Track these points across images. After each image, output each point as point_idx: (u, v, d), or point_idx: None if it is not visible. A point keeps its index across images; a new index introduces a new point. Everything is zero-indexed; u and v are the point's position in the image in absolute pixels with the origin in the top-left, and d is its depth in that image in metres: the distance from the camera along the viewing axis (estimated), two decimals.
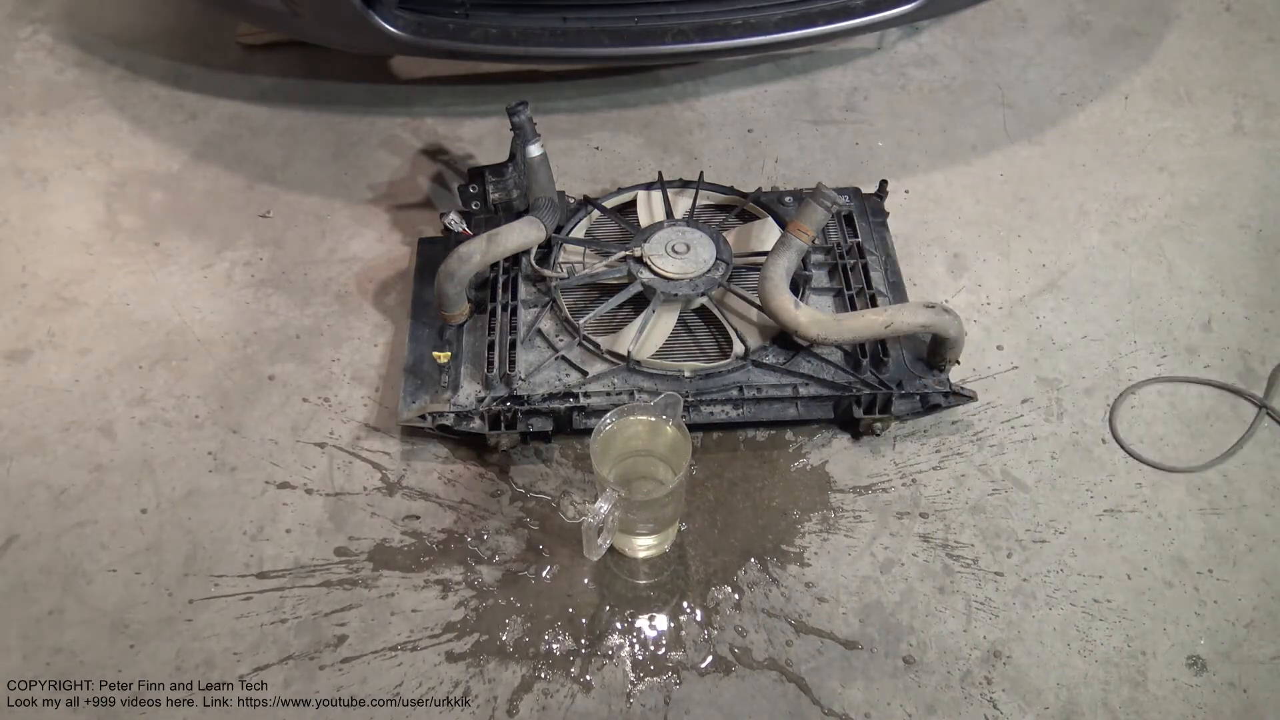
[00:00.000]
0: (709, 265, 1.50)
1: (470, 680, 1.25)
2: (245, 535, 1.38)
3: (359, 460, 1.46)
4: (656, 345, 1.46)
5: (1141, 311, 1.65)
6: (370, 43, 1.66)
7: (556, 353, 1.45)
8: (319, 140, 1.93)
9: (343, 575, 1.34)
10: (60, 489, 1.42)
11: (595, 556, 1.27)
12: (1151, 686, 1.25)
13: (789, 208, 1.65)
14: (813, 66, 2.09)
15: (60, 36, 2.15)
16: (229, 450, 1.47)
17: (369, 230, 1.76)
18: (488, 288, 1.53)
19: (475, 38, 1.64)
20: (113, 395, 1.53)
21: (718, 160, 1.90)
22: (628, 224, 1.64)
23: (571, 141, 1.92)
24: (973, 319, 1.63)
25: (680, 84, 2.05)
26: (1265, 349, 1.59)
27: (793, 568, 1.36)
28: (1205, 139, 1.93)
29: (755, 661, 1.27)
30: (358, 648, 1.28)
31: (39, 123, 1.97)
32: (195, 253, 1.73)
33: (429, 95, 2.02)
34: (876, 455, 1.48)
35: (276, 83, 2.04)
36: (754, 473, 1.46)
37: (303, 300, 1.66)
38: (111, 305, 1.65)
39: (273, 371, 1.56)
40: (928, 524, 1.40)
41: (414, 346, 1.50)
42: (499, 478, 1.45)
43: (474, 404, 1.39)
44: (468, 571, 1.35)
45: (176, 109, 1.99)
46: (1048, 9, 2.21)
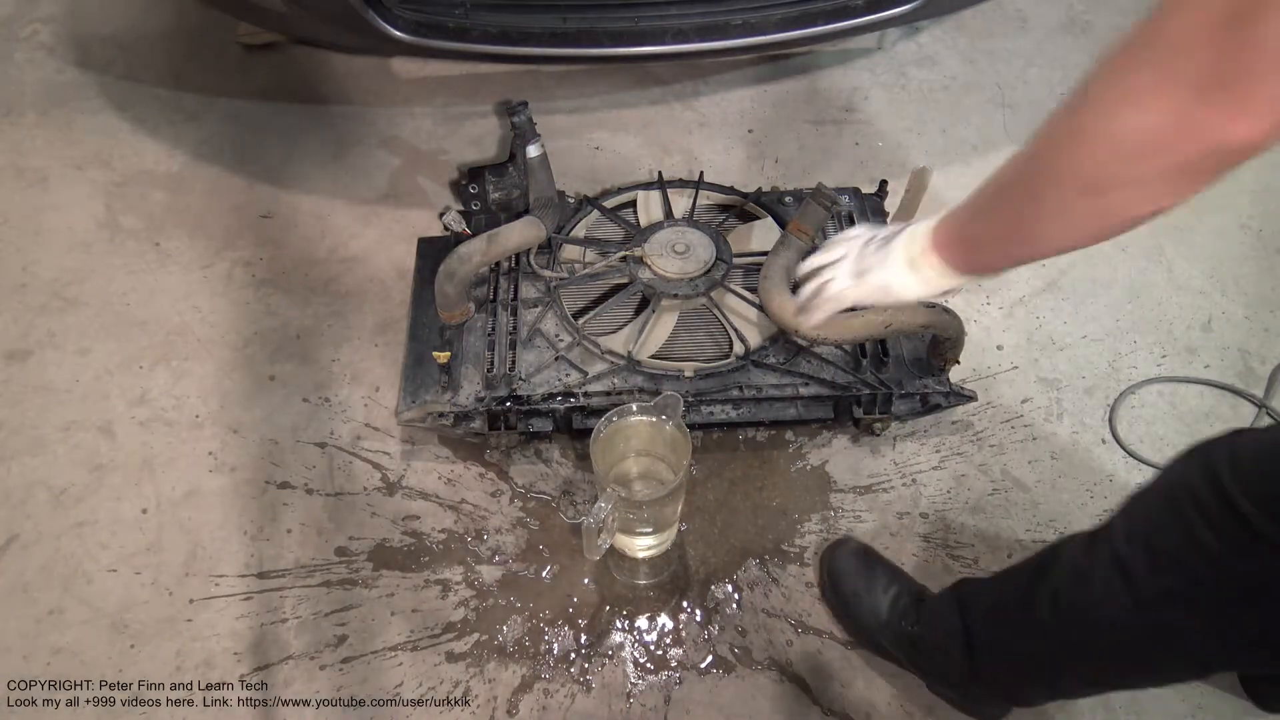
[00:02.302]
0: (709, 265, 1.49)
1: (470, 680, 1.25)
2: (245, 535, 1.38)
3: (359, 460, 1.46)
4: (656, 345, 1.46)
5: (1141, 311, 1.65)
6: (370, 43, 1.65)
7: (557, 353, 1.44)
8: (319, 140, 1.93)
9: (343, 575, 1.34)
10: (60, 489, 1.42)
11: (595, 556, 1.27)
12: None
13: (789, 208, 1.65)
14: (813, 66, 2.09)
15: (60, 36, 2.15)
16: (229, 450, 1.47)
17: (369, 230, 1.76)
18: (488, 287, 1.53)
19: (475, 38, 1.63)
20: (113, 395, 1.53)
21: (718, 160, 1.90)
22: (628, 224, 1.64)
23: (571, 141, 1.92)
24: (973, 319, 1.63)
25: (680, 84, 2.05)
26: (1265, 349, 1.59)
27: (793, 568, 1.36)
28: None
29: (755, 661, 1.27)
30: (358, 648, 1.28)
31: (39, 123, 1.97)
32: (195, 253, 1.73)
33: (429, 95, 2.02)
34: (876, 455, 1.48)
35: (276, 83, 2.04)
36: (754, 473, 1.46)
37: (303, 300, 1.66)
38: (111, 305, 1.65)
39: (273, 371, 1.56)
40: (928, 524, 1.40)
41: (414, 346, 1.50)
42: (499, 478, 1.45)
43: (474, 404, 1.39)
44: (468, 571, 1.35)
45: (176, 109, 1.99)
46: (1048, 9, 2.21)
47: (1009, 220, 0.74)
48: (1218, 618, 0.77)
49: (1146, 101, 0.59)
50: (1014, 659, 1.03)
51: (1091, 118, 0.62)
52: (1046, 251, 0.75)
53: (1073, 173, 0.65)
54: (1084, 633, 0.89)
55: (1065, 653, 0.93)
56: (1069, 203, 0.66)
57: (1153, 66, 0.59)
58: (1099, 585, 0.84)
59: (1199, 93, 0.57)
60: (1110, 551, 0.84)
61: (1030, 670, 1.00)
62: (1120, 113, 0.61)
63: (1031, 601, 0.94)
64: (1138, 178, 0.62)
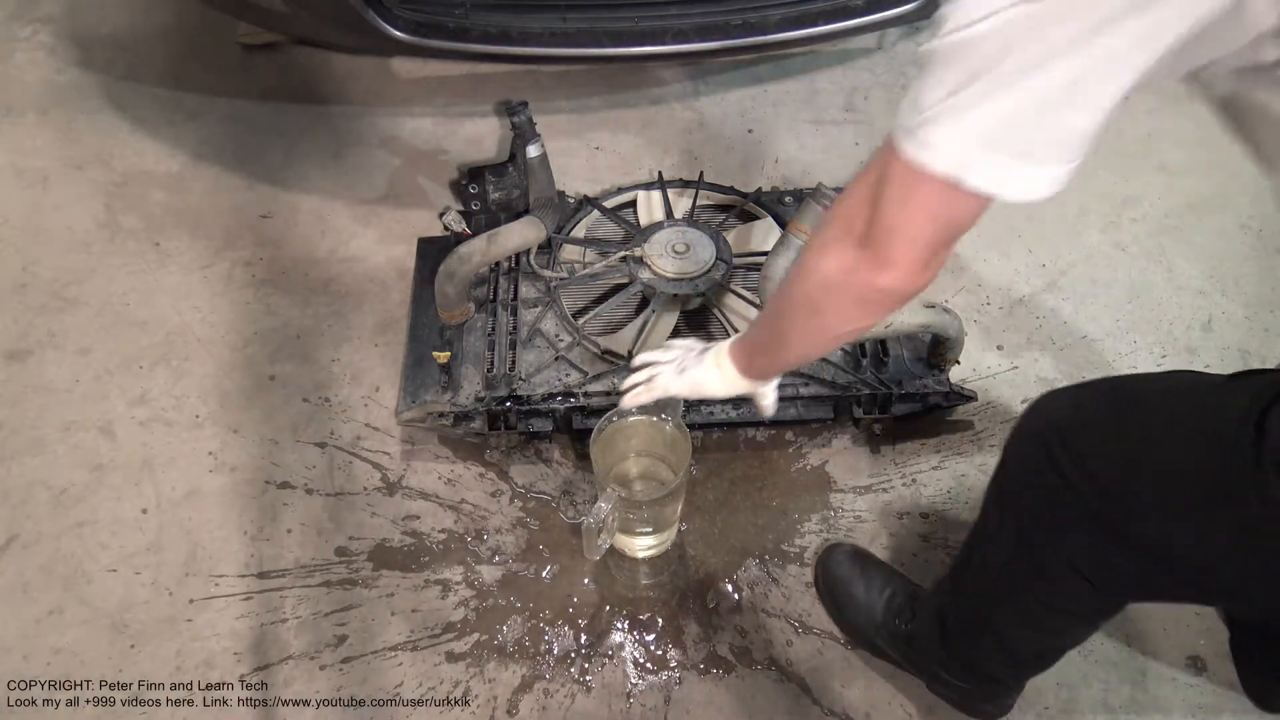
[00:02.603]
0: (709, 265, 1.49)
1: (470, 680, 1.25)
2: (245, 535, 1.38)
3: (359, 460, 1.46)
4: (656, 345, 1.45)
5: (1141, 311, 1.65)
6: (370, 43, 1.65)
7: (557, 353, 1.44)
8: (319, 140, 1.93)
9: (343, 575, 1.34)
10: (60, 489, 1.42)
11: (595, 556, 1.27)
12: (1151, 686, 1.25)
13: (789, 208, 1.65)
14: (813, 66, 2.09)
15: (60, 36, 2.15)
16: (229, 450, 1.47)
17: (369, 230, 1.76)
18: (488, 287, 1.53)
19: (475, 38, 1.64)
20: (113, 395, 1.53)
21: (718, 160, 1.90)
22: (628, 224, 1.64)
23: (571, 141, 1.92)
24: (973, 319, 1.63)
25: (680, 84, 2.06)
26: (1265, 349, 1.59)
27: (793, 568, 1.36)
28: (1205, 139, 1.93)
29: (755, 661, 1.27)
30: (358, 648, 1.28)
31: (39, 123, 1.97)
32: (195, 253, 1.73)
33: (429, 95, 2.02)
34: (876, 455, 1.48)
35: (276, 83, 2.04)
36: (754, 473, 1.46)
37: (303, 300, 1.66)
38: (111, 305, 1.65)
39: (273, 371, 1.56)
40: (928, 524, 1.40)
41: (414, 346, 1.50)
42: (499, 478, 1.45)
43: (474, 404, 1.39)
44: (468, 571, 1.35)
45: (176, 109, 1.99)
46: None
47: (769, 336, 0.94)
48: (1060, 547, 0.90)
49: (830, 251, 0.77)
50: (966, 624, 1.09)
51: (806, 259, 0.81)
52: (797, 360, 0.95)
53: (799, 300, 0.83)
54: (985, 577, 1.02)
55: (989, 603, 1.03)
56: (801, 322, 0.86)
57: (834, 226, 0.76)
58: (990, 529, 1.00)
59: (858, 249, 0.73)
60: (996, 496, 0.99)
61: (978, 630, 1.06)
62: (818, 259, 0.78)
63: (966, 561, 1.06)
64: (835, 306, 0.80)
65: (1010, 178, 0.63)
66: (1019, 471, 0.93)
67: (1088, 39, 0.56)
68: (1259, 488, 0.71)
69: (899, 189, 0.67)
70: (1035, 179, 0.63)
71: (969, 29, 0.59)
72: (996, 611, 1.02)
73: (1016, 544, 0.95)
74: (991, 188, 0.63)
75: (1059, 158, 0.62)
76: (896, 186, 0.67)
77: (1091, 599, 0.93)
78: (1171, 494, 0.79)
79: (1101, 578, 0.89)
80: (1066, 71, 0.58)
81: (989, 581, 1.01)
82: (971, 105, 0.60)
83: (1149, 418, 0.82)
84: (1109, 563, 0.87)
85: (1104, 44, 0.57)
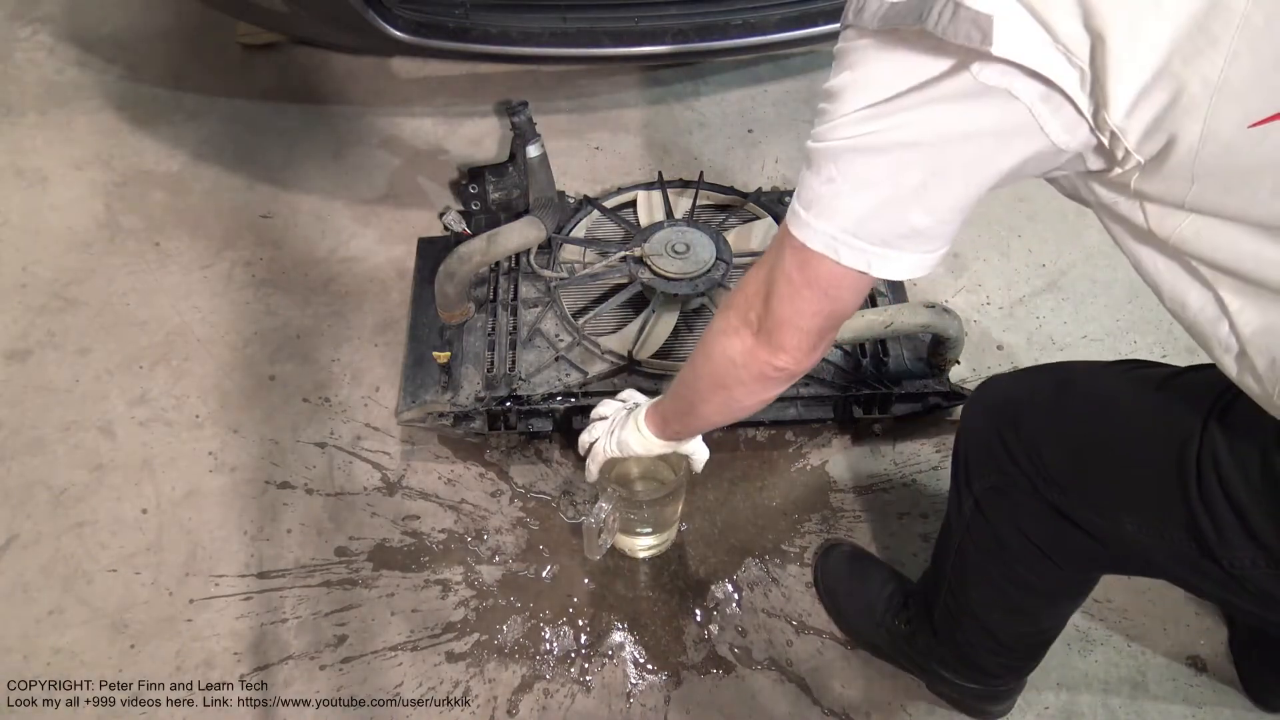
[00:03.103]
0: (709, 265, 1.49)
1: (470, 680, 1.25)
2: (245, 535, 1.38)
3: (359, 460, 1.46)
4: (657, 345, 1.46)
5: (1141, 311, 1.65)
6: (370, 43, 1.66)
7: (557, 353, 1.45)
8: (319, 140, 1.93)
9: (343, 575, 1.34)
10: (60, 489, 1.42)
11: (596, 556, 1.27)
12: (1151, 686, 1.25)
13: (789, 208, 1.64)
14: (813, 66, 2.09)
15: (60, 36, 2.15)
16: (229, 450, 1.47)
17: (369, 230, 1.76)
18: (488, 287, 1.53)
19: (475, 38, 1.64)
20: (113, 395, 1.53)
21: (718, 160, 1.90)
22: (628, 224, 1.64)
23: (571, 141, 1.92)
24: (973, 319, 1.63)
25: (680, 84, 2.06)
26: None
27: (793, 567, 1.36)
28: None
29: (755, 661, 1.27)
30: (358, 648, 1.28)
31: (39, 123, 1.97)
32: (195, 253, 1.73)
33: (429, 95, 2.02)
34: (876, 455, 1.48)
35: (276, 83, 2.04)
36: (754, 473, 1.46)
37: (303, 300, 1.66)
38: (111, 305, 1.65)
39: (273, 371, 1.56)
40: (928, 524, 1.40)
41: (414, 346, 1.50)
42: (499, 478, 1.45)
43: (474, 404, 1.39)
44: (468, 571, 1.35)
45: (176, 109, 1.99)
46: None
47: (680, 403, 1.02)
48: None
49: (730, 333, 0.86)
50: (948, 610, 1.09)
51: (712, 342, 0.89)
52: (705, 426, 1.05)
53: (705, 374, 0.93)
54: (958, 558, 1.05)
55: (964, 584, 1.05)
56: (708, 393, 0.94)
57: (734, 310, 0.85)
58: (953, 507, 1.04)
59: (755, 334, 0.83)
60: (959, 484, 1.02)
61: (959, 614, 1.07)
62: (719, 339, 0.88)
63: (941, 543, 1.10)
64: (737, 381, 0.88)
65: (874, 260, 0.72)
66: (973, 446, 0.98)
67: (922, 161, 0.67)
68: (1208, 512, 0.74)
69: (787, 286, 0.77)
70: (898, 262, 0.73)
71: (831, 142, 0.70)
72: (971, 594, 1.05)
73: (975, 518, 0.98)
74: (860, 266, 0.73)
75: (916, 248, 0.73)
76: (784, 284, 0.77)
77: (1054, 573, 0.95)
78: (1117, 497, 0.83)
79: (1058, 554, 0.92)
80: (906, 182, 0.68)
81: (961, 561, 1.04)
82: (836, 199, 0.71)
83: (1094, 424, 0.86)
84: (1063, 539, 0.90)
85: (937, 164, 0.67)
